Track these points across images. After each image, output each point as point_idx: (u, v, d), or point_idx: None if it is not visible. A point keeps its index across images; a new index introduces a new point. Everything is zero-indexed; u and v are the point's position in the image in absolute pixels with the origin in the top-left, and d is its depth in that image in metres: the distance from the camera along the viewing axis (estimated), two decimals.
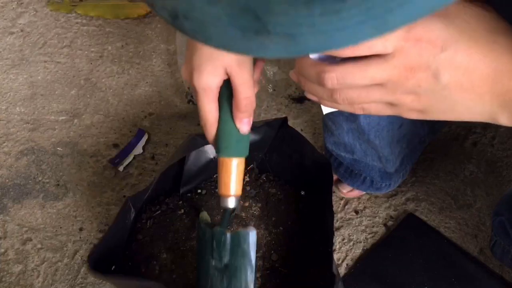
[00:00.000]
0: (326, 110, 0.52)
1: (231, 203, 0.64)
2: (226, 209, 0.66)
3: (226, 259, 0.68)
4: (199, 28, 0.24)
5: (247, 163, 0.65)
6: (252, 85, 0.57)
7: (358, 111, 0.45)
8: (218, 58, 0.53)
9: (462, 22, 0.40)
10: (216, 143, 0.61)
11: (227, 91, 0.57)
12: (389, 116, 0.82)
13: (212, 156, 0.86)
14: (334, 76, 0.42)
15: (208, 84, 0.55)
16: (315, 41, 0.23)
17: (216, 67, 0.54)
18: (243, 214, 0.87)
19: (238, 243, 0.67)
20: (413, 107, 0.43)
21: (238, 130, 0.59)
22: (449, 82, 0.40)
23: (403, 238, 0.96)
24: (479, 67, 0.40)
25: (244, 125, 0.59)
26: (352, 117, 0.81)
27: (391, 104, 0.43)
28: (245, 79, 0.55)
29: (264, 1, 0.22)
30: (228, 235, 0.67)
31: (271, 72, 1.17)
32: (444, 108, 0.43)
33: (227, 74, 0.56)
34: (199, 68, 0.54)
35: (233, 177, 0.62)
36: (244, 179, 0.90)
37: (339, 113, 0.83)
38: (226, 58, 0.54)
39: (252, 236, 0.67)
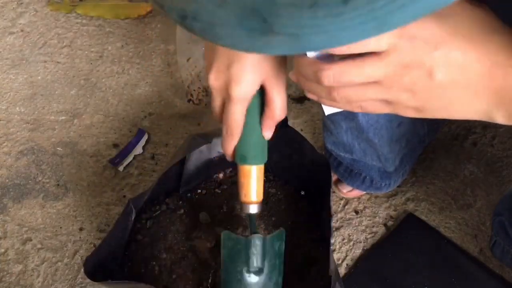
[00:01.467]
0: (327, 111, 0.52)
1: (257, 209, 0.66)
2: (251, 216, 0.68)
3: (260, 263, 0.70)
4: (207, 28, 0.26)
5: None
6: (286, 95, 0.59)
7: (356, 109, 0.46)
8: (259, 70, 0.55)
9: (456, 21, 0.40)
10: (237, 151, 0.62)
11: (257, 100, 0.58)
12: (387, 114, 0.82)
13: (212, 156, 0.86)
14: (331, 73, 0.42)
15: (246, 94, 0.56)
16: (318, 40, 0.24)
17: (255, 79, 0.55)
18: (243, 214, 0.87)
19: (273, 244, 0.70)
20: (409, 105, 0.43)
21: (263, 138, 0.61)
22: (443, 80, 0.41)
23: (403, 238, 0.96)
24: (474, 65, 0.40)
25: (270, 132, 0.61)
26: (351, 115, 0.81)
27: (387, 102, 0.44)
28: (280, 90, 0.57)
29: (271, 5, 0.23)
30: (267, 237, 0.69)
31: None
32: (440, 106, 0.43)
33: (261, 84, 0.57)
34: (239, 79, 0.55)
35: (259, 183, 0.64)
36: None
37: (338, 111, 0.83)
38: (265, 70, 0.55)
39: (284, 234, 0.71)
